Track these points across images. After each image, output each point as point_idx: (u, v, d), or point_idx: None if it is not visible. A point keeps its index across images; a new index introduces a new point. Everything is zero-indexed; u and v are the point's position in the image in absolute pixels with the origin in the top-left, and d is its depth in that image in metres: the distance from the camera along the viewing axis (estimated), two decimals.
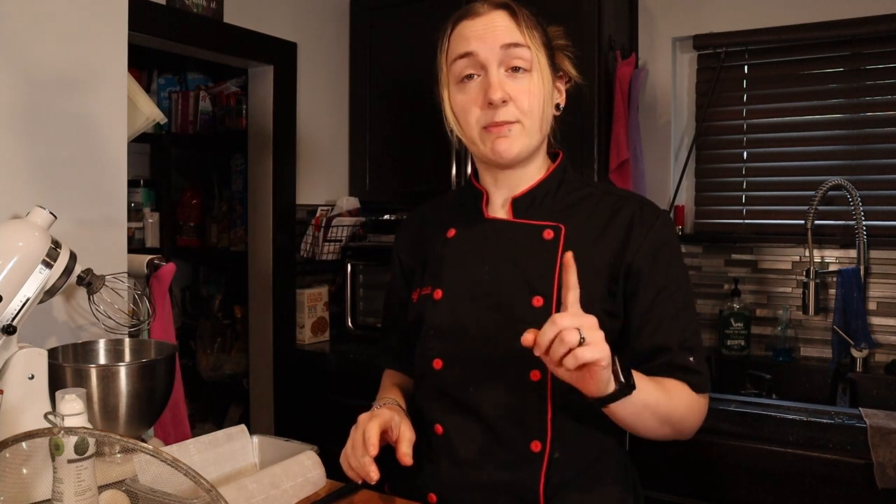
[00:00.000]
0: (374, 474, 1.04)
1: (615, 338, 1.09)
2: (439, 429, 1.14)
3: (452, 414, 1.12)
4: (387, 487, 1.23)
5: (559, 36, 1.16)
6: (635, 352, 1.08)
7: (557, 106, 1.15)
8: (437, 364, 1.13)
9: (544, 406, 1.07)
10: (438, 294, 1.14)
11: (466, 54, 1.07)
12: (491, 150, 1.09)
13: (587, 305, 1.04)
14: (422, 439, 1.16)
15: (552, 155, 1.20)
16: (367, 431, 1.05)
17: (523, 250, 1.11)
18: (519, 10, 1.08)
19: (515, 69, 1.07)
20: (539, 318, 1.04)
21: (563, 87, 1.16)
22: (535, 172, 1.15)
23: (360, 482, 1.08)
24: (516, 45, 1.06)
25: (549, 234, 1.10)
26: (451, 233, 1.18)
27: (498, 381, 1.09)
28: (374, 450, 1.04)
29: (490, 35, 1.06)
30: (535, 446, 1.07)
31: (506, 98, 1.06)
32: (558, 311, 1.03)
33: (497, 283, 1.11)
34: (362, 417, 1.10)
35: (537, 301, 1.07)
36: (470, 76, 1.08)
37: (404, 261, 1.28)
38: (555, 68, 1.12)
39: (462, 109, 1.10)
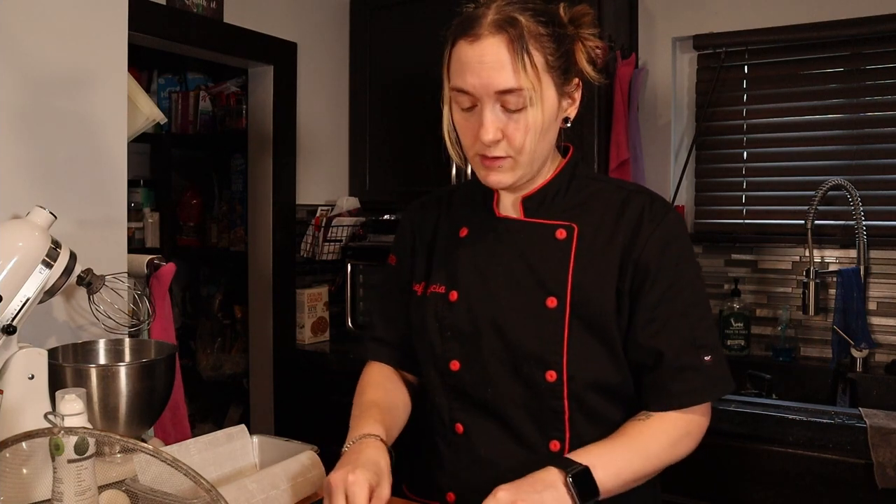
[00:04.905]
0: None
1: (623, 336, 1.08)
2: (460, 428, 1.13)
3: (472, 413, 1.12)
4: (405, 487, 1.23)
5: (586, 23, 1.07)
6: (638, 346, 1.07)
7: (566, 119, 1.10)
8: (455, 366, 1.12)
9: (561, 406, 1.07)
10: (454, 295, 1.13)
11: (462, 90, 1.02)
12: (484, 180, 1.08)
13: (603, 305, 1.06)
14: (440, 438, 1.16)
15: (563, 149, 1.18)
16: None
17: (536, 250, 1.10)
18: (518, 36, 0.99)
19: (510, 108, 1.02)
20: (553, 319, 1.06)
21: (577, 96, 1.09)
22: (544, 171, 1.13)
23: None
24: (510, 90, 0.99)
25: (561, 234, 1.09)
26: (464, 232, 1.17)
27: (515, 381, 1.09)
28: None
29: (485, 74, 0.99)
30: (554, 446, 1.08)
31: (498, 138, 1.02)
32: (572, 311, 1.06)
33: (511, 283, 1.10)
34: (337, 478, 0.96)
35: (551, 302, 1.07)
36: (468, 107, 1.05)
37: (417, 246, 1.23)
38: (566, 79, 1.05)
39: (460, 129, 1.08)
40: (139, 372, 1.32)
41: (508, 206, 1.15)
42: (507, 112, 1.02)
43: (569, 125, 1.12)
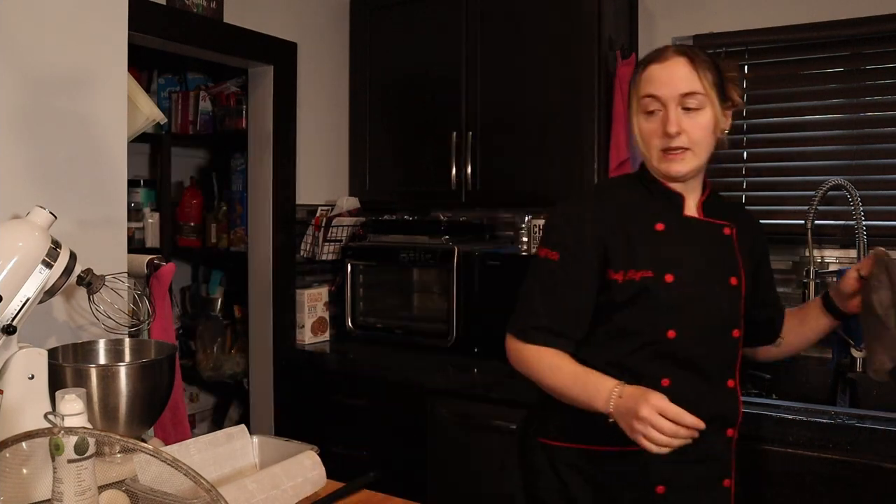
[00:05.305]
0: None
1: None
2: (666, 382, 1.35)
3: (675, 369, 1.38)
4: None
5: (731, 69, 1.44)
6: (767, 301, 1.57)
7: (722, 131, 1.41)
8: (671, 334, 1.37)
9: (737, 353, 1.44)
10: (670, 278, 1.37)
11: (652, 95, 1.36)
12: (666, 170, 1.39)
13: (748, 280, 1.45)
14: None
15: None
16: (680, 416, 1.20)
17: (715, 242, 1.44)
18: (696, 58, 1.36)
19: (689, 107, 1.35)
20: (737, 293, 1.43)
21: (729, 114, 1.42)
22: (700, 183, 1.47)
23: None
24: (692, 93, 1.34)
25: (727, 231, 1.45)
26: (661, 226, 1.42)
27: (714, 339, 1.41)
28: (700, 423, 1.21)
29: (672, 82, 1.35)
30: (731, 383, 1.43)
31: (680, 131, 1.35)
32: (746, 291, 1.44)
33: (708, 266, 1.42)
34: (647, 410, 1.20)
35: (734, 280, 1.42)
36: (653, 111, 1.37)
37: (607, 238, 1.40)
38: (723, 100, 1.38)
39: (647, 135, 1.39)
40: (139, 372, 1.32)
41: (692, 209, 1.46)
42: (686, 111, 1.35)
43: (724, 136, 1.42)
